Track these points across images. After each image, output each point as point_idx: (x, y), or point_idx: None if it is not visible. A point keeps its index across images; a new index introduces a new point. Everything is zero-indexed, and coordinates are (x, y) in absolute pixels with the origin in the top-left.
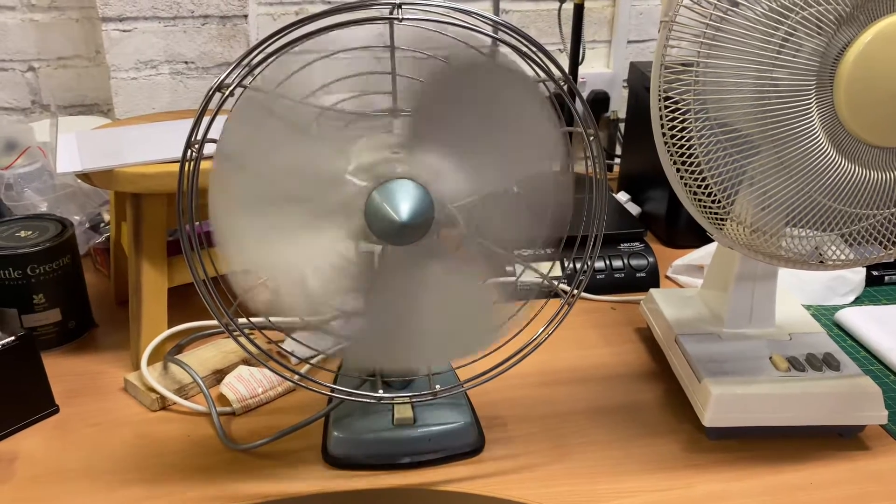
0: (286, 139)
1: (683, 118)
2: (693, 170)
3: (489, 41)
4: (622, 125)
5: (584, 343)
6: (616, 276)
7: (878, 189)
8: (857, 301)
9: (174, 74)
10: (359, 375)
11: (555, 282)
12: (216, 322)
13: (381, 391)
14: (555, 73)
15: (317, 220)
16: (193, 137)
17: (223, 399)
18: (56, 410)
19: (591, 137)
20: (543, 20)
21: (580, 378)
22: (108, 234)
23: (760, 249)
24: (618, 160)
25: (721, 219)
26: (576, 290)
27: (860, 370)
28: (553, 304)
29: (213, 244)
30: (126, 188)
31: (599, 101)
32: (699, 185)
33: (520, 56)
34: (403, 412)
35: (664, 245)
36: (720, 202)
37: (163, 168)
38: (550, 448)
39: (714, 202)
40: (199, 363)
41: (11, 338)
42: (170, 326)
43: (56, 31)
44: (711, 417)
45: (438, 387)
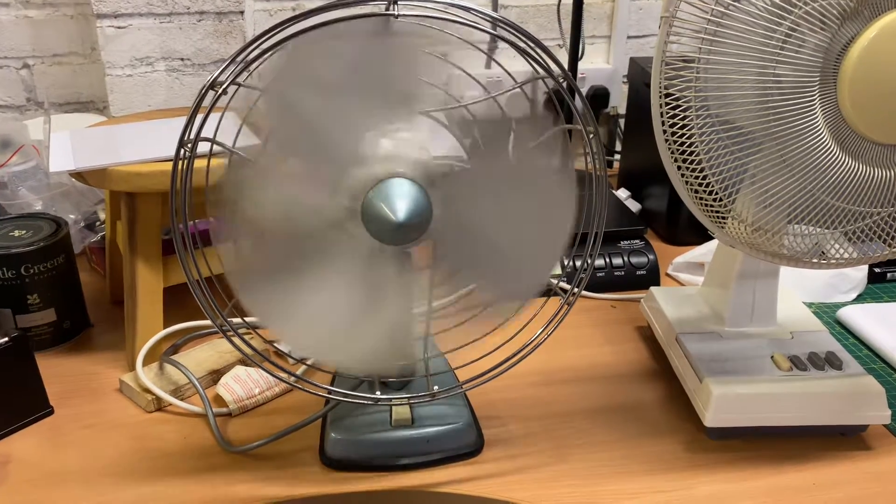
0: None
1: (684, 115)
2: (694, 167)
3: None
4: (622, 121)
5: (584, 342)
6: (616, 274)
7: (882, 187)
8: (860, 298)
9: (170, 71)
10: (356, 375)
11: (554, 280)
12: (212, 322)
13: (379, 392)
14: (554, 70)
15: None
16: (186, 136)
17: (219, 400)
18: (50, 412)
19: (591, 135)
20: (543, 15)
21: (580, 377)
22: (104, 233)
23: (762, 248)
24: (617, 156)
25: (722, 217)
26: (576, 289)
27: (863, 369)
28: (552, 303)
29: (208, 243)
30: (120, 187)
31: (599, 97)
32: (700, 183)
33: (518, 52)
34: (401, 413)
35: (664, 242)
36: (721, 200)
37: (157, 167)
38: (550, 448)
39: (715, 200)
40: (196, 364)
41: (5, 339)
42: (166, 326)
43: (51, 28)
44: (713, 417)
45: (437, 388)
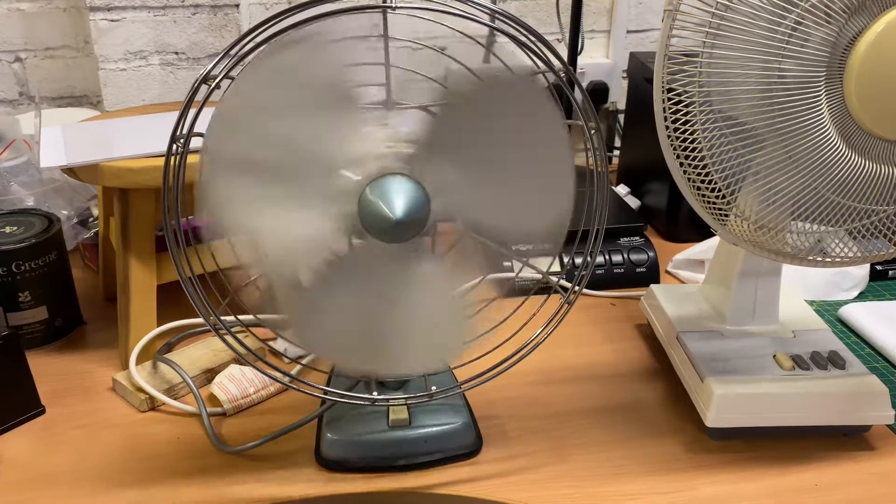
0: (288, 105)
1: (687, 110)
2: (697, 164)
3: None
4: (621, 116)
5: (584, 340)
6: (616, 271)
7: (888, 184)
8: (861, 296)
9: (164, 65)
10: (352, 376)
11: (554, 278)
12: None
13: (376, 392)
14: (554, 64)
15: (305, 201)
16: (179, 131)
17: (214, 399)
18: (42, 411)
19: (593, 131)
20: (542, 9)
21: (579, 376)
22: (97, 229)
23: (765, 246)
24: (616, 152)
25: (725, 214)
26: (576, 287)
27: (866, 369)
28: (552, 302)
29: (201, 241)
30: (112, 183)
31: (598, 92)
32: (703, 180)
33: (518, 46)
34: (399, 413)
35: (664, 239)
36: (724, 197)
37: (150, 162)
38: (549, 449)
39: (718, 197)
40: (190, 362)
41: None
42: (159, 324)
43: (43, 21)
44: (714, 418)
45: (435, 388)
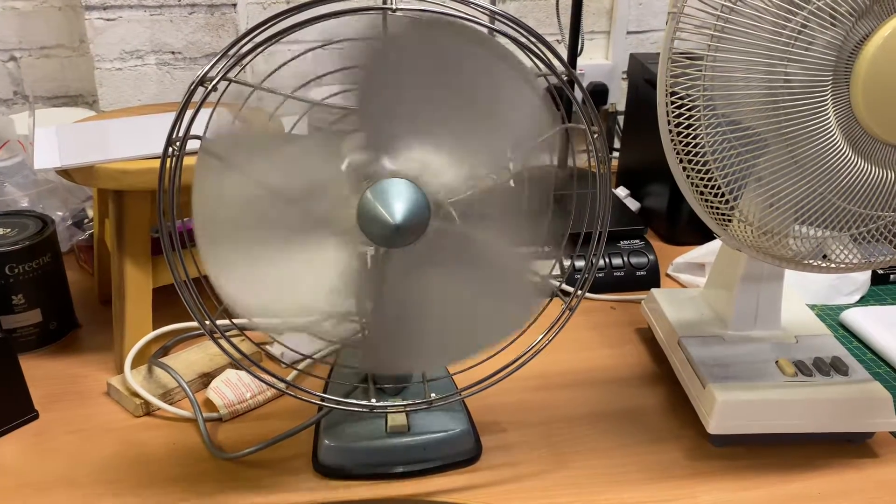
0: (275, 138)
1: (690, 114)
2: (700, 167)
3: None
4: (621, 118)
5: (584, 344)
6: (616, 275)
7: (894, 190)
8: (863, 301)
9: (160, 65)
10: (350, 382)
11: (555, 283)
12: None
13: (374, 399)
14: (555, 65)
15: (309, 228)
16: (175, 134)
17: (210, 404)
18: (35, 416)
19: (596, 135)
20: (541, 10)
21: (579, 381)
22: (92, 231)
23: (769, 252)
24: (616, 154)
25: (727, 218)
26: (579, 292)
27: (869, 375)
28: (552, 307)
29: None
30: (107, 185)
31: (598, 94)
32: (706, 184)
33: (518, 47)
34: (397, 419)
35: (664, 242)
36: (727, 201)
37: (146, 164)
38: (549, 455)
39: (721, 201)
40: (185, 366)
41: None
42: (155, 328)
43: (38, 20)
44: (716, 425)
45: (434, 395)
